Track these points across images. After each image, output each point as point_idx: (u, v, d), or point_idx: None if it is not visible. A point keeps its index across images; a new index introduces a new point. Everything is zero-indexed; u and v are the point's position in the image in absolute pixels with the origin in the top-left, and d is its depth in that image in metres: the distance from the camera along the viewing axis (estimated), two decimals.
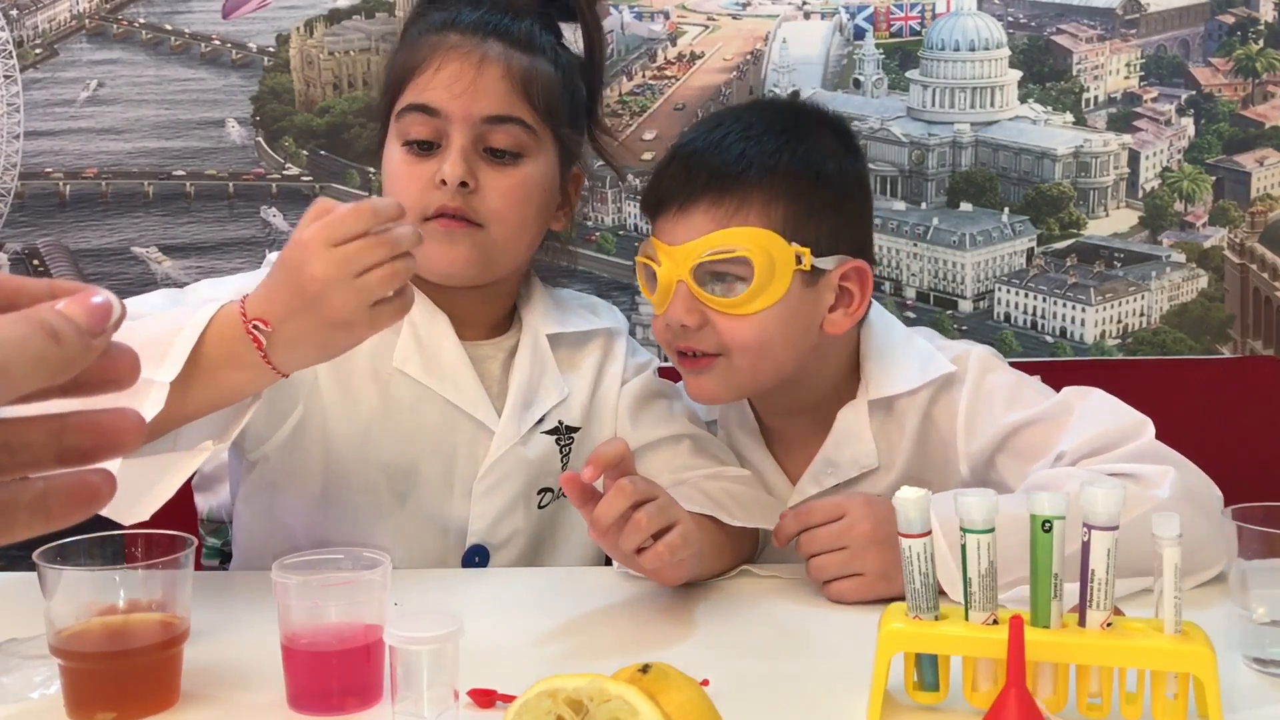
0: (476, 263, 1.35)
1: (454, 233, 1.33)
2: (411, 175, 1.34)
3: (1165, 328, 2.30)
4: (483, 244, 1.34)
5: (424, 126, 1.33)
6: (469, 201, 1.32)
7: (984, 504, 0.95)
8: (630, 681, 0.81)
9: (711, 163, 1.33)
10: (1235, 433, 1.94)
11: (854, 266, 1.35)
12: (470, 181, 1.32)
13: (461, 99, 1.32)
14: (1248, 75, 2.27)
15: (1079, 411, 1.33)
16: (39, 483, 0.51)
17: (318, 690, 1.01)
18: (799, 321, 1.34)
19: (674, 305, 1.34)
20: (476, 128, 1.32)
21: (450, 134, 1.32)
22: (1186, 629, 0.94)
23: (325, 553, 1.07)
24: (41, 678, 1.05)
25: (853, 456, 1.41)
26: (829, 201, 1.35)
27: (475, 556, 1.40)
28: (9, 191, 2.32)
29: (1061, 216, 2.32)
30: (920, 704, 0.98)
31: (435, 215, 1.33)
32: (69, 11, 2.34)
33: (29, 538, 0.52)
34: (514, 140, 1.34)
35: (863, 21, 2.33)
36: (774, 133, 1.35)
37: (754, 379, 1.37)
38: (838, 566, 1.23)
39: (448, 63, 1.33)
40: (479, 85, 1.32)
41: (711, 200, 1.32)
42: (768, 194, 1.32)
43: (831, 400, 1.43)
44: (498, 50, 1.34)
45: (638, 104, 2.35)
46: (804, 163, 1.34)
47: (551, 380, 1.42)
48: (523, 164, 1.35)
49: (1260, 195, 2.28)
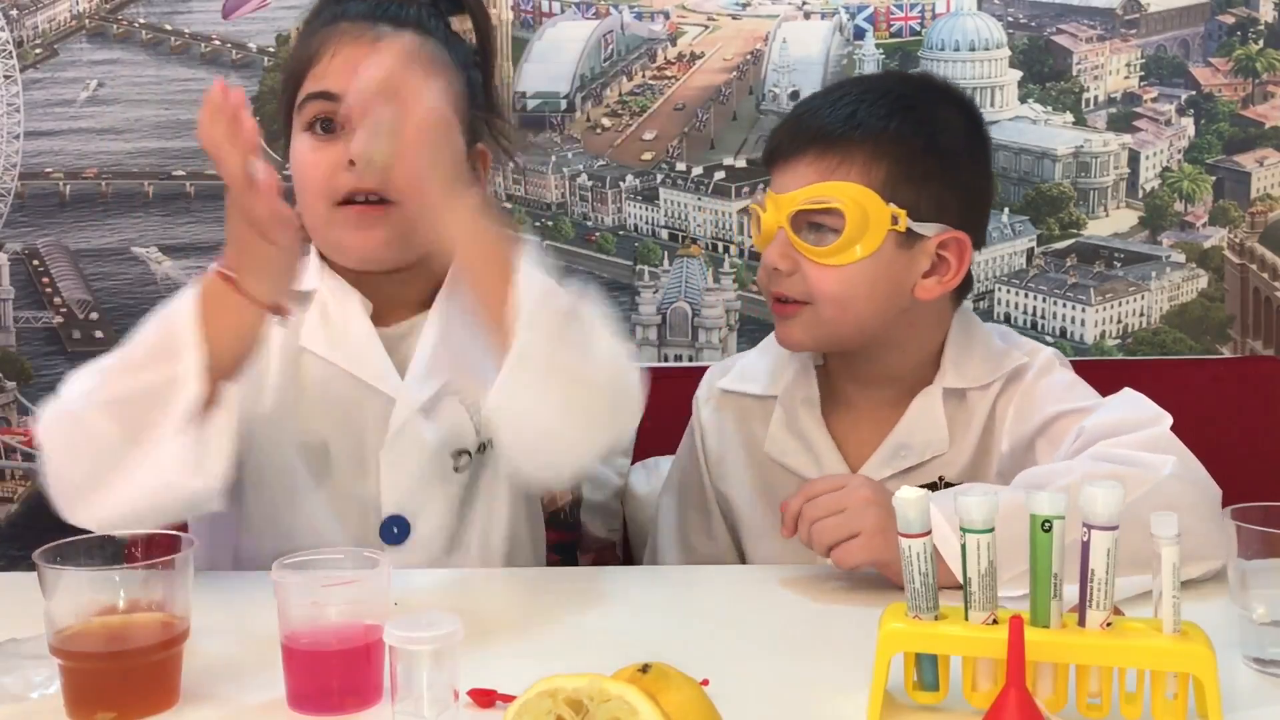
0: (395, 243, 1.36)
1: (367, 216, 1.35)
2: (318, 160, 1.36)
3: (1165, 328, 2.30)
4: (398, 221, 1.34)
5: (324, 110, 1.35)
6: (379, 180, 1.31)
7: (984, 504, 0.95)
8: (630, 681, 0.81)
9: (822, 119, 1.39)
10: (1235, 433, 1.94)
11: (954, 236, 1.39)
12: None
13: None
14: (1248, 75, 2.27)
15: (1107, 400, 1.37)
16: None
17: (318, 690, 1.01)
18: (888, 281, 1.37)
19: (771, 249, 1.39)
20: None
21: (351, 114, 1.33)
22: (1186, 629, 0.94)
23: (325, 553, 1.07)
24: (41, 678, 1.05)
25: (925, 440, 1.42)
26: (935, 169, 1.38)
27: (394, 527, 1.39)
28: (9, 191, 2.32)
29: (1061, 216, 2.32)
30: (920, 704, 0.98)
31: (345, 201, 1.35)
32: (69, 11, 2.35)
33: None
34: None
35: (863, 21, 2.33)
36: (890, 99, 1.40)
37: (836, 330, 1.40)
38: (835, 527, 1.23)
39: (342, 48, 1.36)
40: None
41: (817, 154, 1.37)
42: (872, 154, 1.36)
43: (910, 381, 1.44)
44: (389, 32, 1.36)
45: (638, 104, 2.35)
46: (914, 128, 1.38)
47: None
48: None
49: (1260, 195, 2.28)
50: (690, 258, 2.34)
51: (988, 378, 1.43)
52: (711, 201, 2.35)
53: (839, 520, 1.23)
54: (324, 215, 1.37)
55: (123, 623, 1.02)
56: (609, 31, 2.35)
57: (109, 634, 1.01)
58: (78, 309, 2.33)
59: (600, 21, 2.35)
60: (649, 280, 2.35)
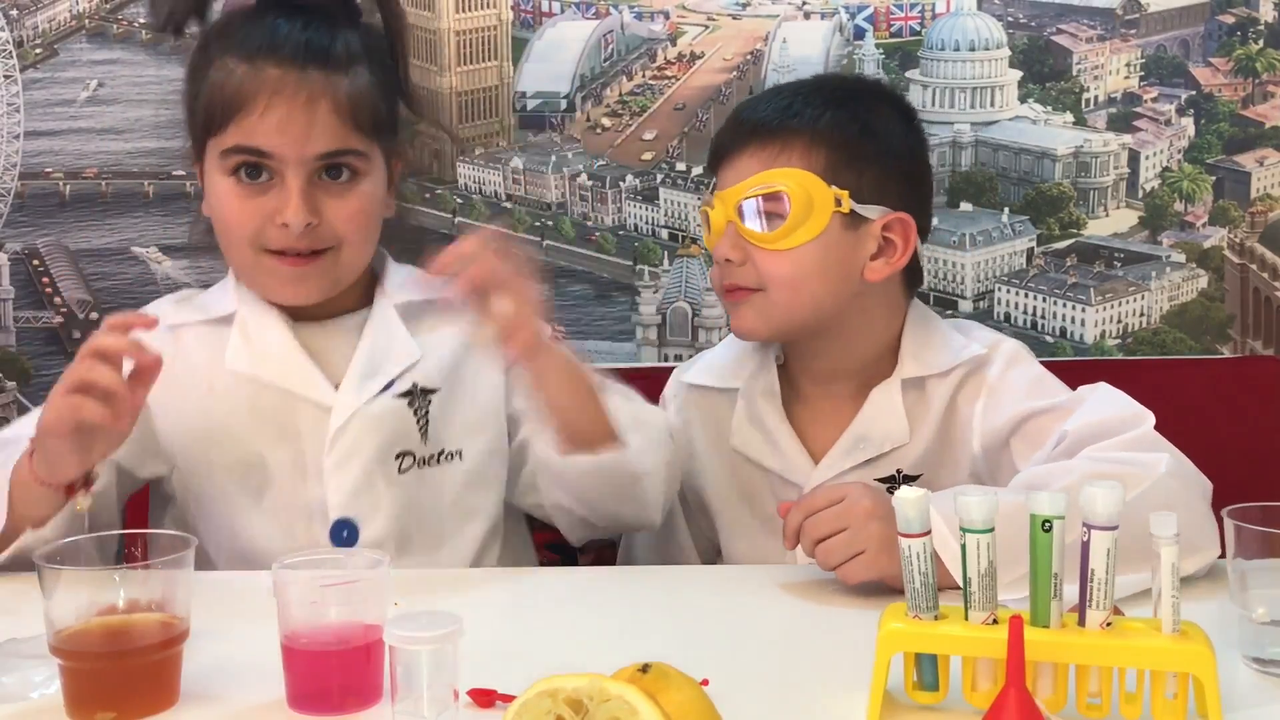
0: (328, 288, 1.39)
1: (299, 270, 1.36)
2: (246, 210, 1.35)
3: (1165, 328, 2.30)
4: (331, 268, 1.38)
5: (254, 162, 1.34)
6: (315, 235, 1.34)
7: (984, 504, 0.95)
8: (630, 681, 0.81)
9: (760, 114, 1.44)
10: (1235, 433, 1.94)
11: (897, 218, 1.42)
12: (314, 219, 1.33)
13: (294, 142, 1.32)
14: (1248, 75, 2.27)
15: (1086, 400, 1.38)
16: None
17: (318, 690, 1.01)
18: (837, 264, 1.40)
19: (721, 243, 1.42)
20: (311, 165, 1.33)
21: (285, 174, 1.33)
22: (1186, 629, 0.94)
23: (325, 553, 1.07)
24: (41, 678, 1.05)
25: (885, 431, 1.44)
26: (873, 153, 1.42)
27: (344, 531, 1.39)
28: (9, 191, 2.32)
29: (1061, 216, 2.31)
30: (920, 704, 0.98)
31: (277, 252, 1.35)
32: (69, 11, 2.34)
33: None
34: (349, 164, 1.36)
35: (863, 21, 2.33)
36: (824, 93, 1.46)
37: (789, 315, 1.42)
38: (843, 547, 1.24)
39: (274, 105, 1.32)
40: (311, 124, 1.32)
41: (757, 145, 1.42)
42: (810, 140, 1.41)
43: (870, 372, 1.46)
44: (320, 81, 1.33)
45: (638, 104, 2.35)
46: (850, 116, 1.43)
47: (401, 345, 1.42)
48: (360, 182, 1.37)
49: (1260, 195, 2.28)
50: (690, 258, 2.33)
51: (946, 365, 1.44)
52: None
53: (845, 539, 1.24)
54: (251, 260, 1.38)
55: (123, 623, 1.02)
56: (609, 31, 2.35)
57: (109, 634, 1.02)
58: (78, 309, 2.33)
59: (600, 21, 2.34)
60: (649, 280, 2.35)
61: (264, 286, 1.40)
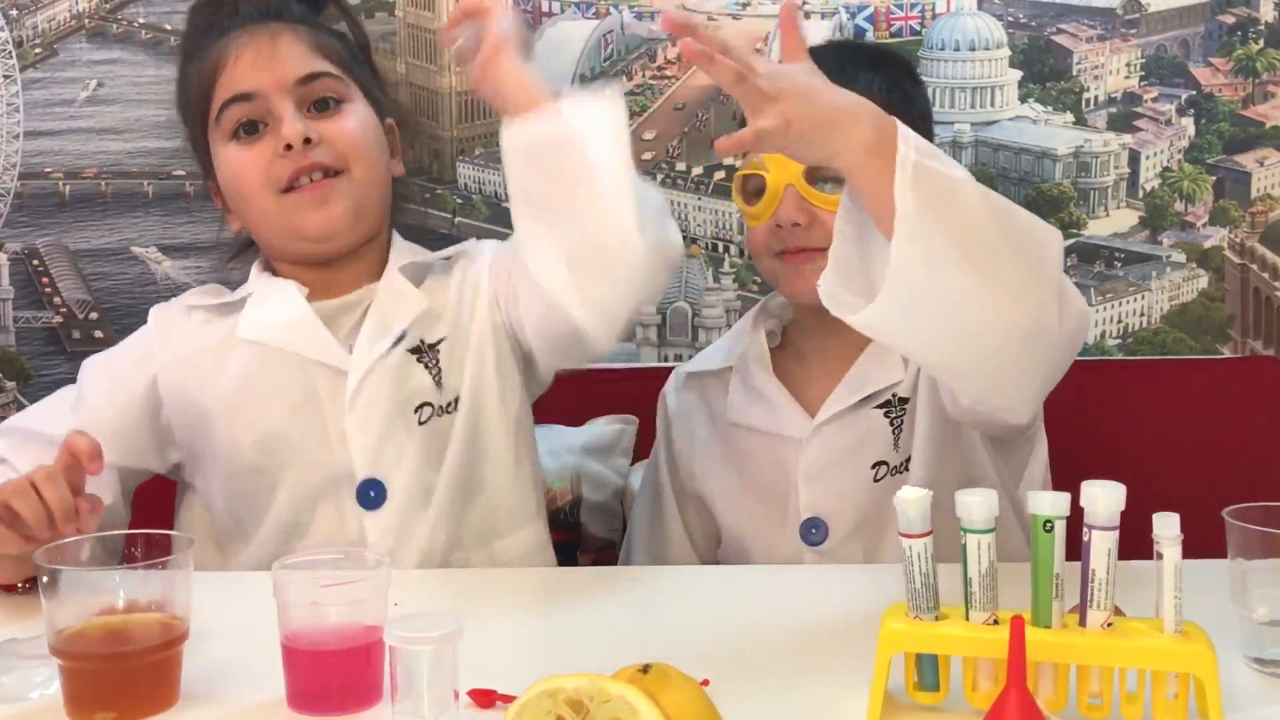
0: (351, 213, 1.42)
1: (320, 193, 1.40)
2: (251, 160, 1.42)
3: (1165, 328, 2.30)
4: (351, 191, 1.42)
5: (245, 112, 1.42)
6: (319, 155, 1.40)
7: (984, 504, 0.95)
8: (630, 681, 0.81)
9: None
10: (1235, 433, 1.94)
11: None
12: (312, 136, 1.39)
13: (270, 71, 1.41)
14: (1248, 75, 2.27)
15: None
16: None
17: (318, 690, 1.01)
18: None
19: (784, 207, 1.42)
20: (294, 91, 1.41)
21: (273, 108, 1.41)
22: (1187, 629, 0.94)
23: (325, 552, 1.07)
24: (41, 678, 1.05)
25: (884, 372, 1.46)
26: (909, 118, 1.41)
27: (370, 491, 1.39)
28: (9, 191, 2.32)
29: (1061, 216, 2.31)
30: (920, 704, 0.98)
31: (291, 186, 1.40)
32: (69, 11, 2.34)
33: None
34: (332, 89, 1.44)
35: (863, 21, 2.33)
36: (864, 58, 1.50)
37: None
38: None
39: (243, 50, 1.42)
40: (279, 55, 1.42)
41: None
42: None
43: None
44: (281, 26, 1.44)
45: (638, 104, 2.35)
46: (890, 81, 1.47)
47: (407, 301, 1.45)
48: (347, 107, 1.44)
49: (1260, 195, 2.28)
50: (690, 258, 2.34)
51: None
52: (711, 201, 2.35)
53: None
54: (274, 207, 1.42)
55: (123, 623, 1.02)
56: (609, 31, 2.35)
57: (109, 634, 1.02)
58: (78, 309, 2.33)
59: (600, 21, 2.34)
60: None
61: (293, 226, 1.42)
